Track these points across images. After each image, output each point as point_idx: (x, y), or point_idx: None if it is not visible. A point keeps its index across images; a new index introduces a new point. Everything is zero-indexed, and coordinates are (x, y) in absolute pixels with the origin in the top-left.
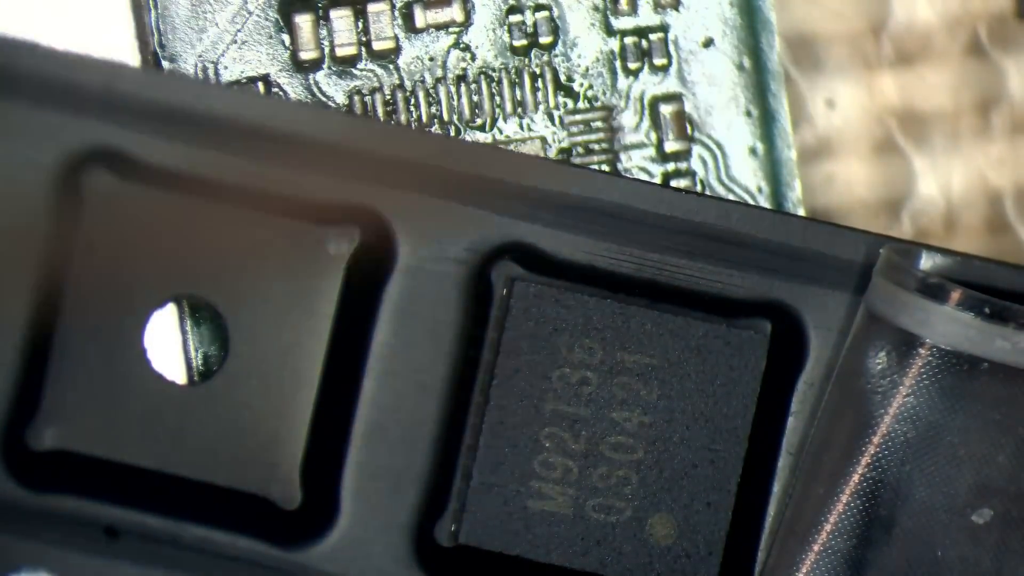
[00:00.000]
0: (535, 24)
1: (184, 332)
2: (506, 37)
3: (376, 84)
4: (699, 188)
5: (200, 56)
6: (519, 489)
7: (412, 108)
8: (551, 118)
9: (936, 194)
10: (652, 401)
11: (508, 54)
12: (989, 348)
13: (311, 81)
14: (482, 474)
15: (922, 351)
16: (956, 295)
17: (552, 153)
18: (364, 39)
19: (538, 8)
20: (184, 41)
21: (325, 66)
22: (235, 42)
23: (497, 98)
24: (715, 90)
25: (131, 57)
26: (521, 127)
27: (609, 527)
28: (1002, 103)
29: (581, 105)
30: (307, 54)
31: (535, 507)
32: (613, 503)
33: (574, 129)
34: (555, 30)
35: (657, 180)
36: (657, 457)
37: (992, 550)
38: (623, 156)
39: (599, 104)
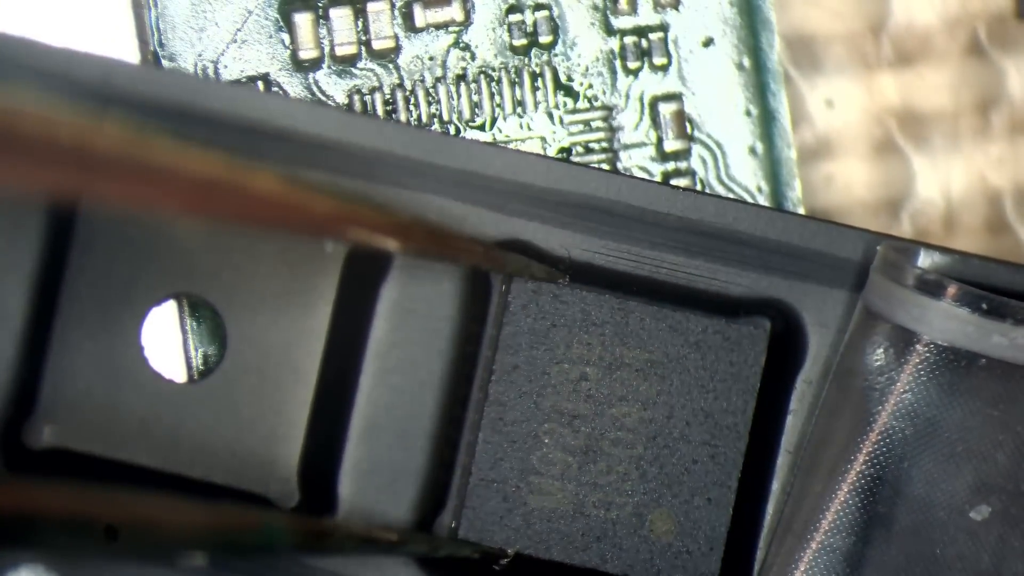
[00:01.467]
0: (535, 23)
1: (184, 331)
2: (506, 36)
3: (376, 83)
4: (699, 187)
5: (200, 55)
6: (518, 485)
7: (412, 107)
8: (551, 117)
9: (936, 194)
10: (651, 397)
11: (508, 53)
12: (986, 344)
13: (311, 80)
14: (481, 470)
15: (919, 347)
16: (953, 291)
17: (552, 152)
18: (364, 38)
19: (538, 7)
20: (184, 40)
21: (325, 65)
22: (235, 41)
23: (497, 97)
24: (715, 90)
25: (131, 56)
26: (521, 126)
27: (609, 523)
28: (1002, 103)
29: (581, 104)
30: (307, 53)
31: (535, 503)
32: (613, 499)
33: (574, 128)
34: (555, 29)
35: (657, 179)
36: (657, 453)
37: (990, 547)
38: (623, 155)
39: (599, 103)
